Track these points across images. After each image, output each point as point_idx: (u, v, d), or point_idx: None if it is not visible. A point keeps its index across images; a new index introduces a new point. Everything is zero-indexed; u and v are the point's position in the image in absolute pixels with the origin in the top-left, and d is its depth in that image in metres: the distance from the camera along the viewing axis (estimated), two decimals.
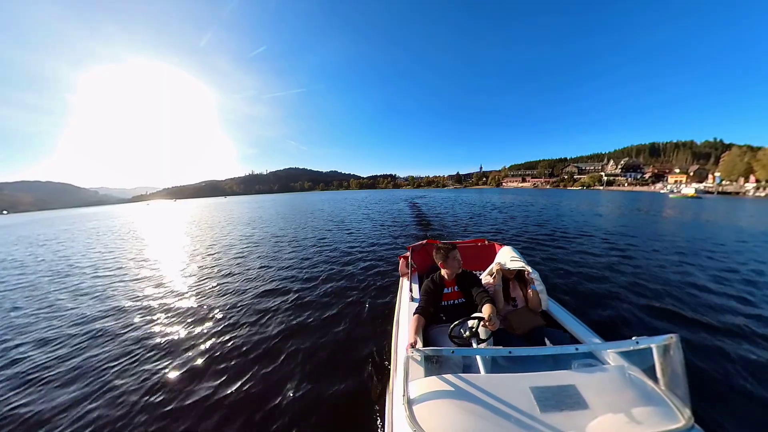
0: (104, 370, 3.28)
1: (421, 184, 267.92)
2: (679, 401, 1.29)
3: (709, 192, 54.19)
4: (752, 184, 55.57)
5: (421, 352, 1.63)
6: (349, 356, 3.23)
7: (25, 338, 4.14)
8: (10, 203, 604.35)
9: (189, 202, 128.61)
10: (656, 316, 4.08)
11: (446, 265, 2.39)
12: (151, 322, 4.45)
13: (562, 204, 26.90)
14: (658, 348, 1.38)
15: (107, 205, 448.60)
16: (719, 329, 3.63)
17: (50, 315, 4.99)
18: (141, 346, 3.77)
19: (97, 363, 3.43)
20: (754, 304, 4.46)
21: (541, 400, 1.31)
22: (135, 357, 3.53)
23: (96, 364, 3.42)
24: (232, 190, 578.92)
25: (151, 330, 4.19)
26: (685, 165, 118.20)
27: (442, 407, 1.33)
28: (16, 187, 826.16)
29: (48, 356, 3.62)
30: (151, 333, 4.10)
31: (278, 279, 6.22)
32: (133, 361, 3.44)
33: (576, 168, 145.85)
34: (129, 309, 5.01)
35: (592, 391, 1.34)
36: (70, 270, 8.35)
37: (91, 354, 3.63)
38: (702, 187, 58.99)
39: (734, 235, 10.46)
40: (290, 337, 3.73)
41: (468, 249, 3.89)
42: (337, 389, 2.72)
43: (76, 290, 6.33)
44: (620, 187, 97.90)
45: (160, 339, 3.89)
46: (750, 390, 2.60)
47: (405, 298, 3.00)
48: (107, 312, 4.94)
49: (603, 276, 5.86)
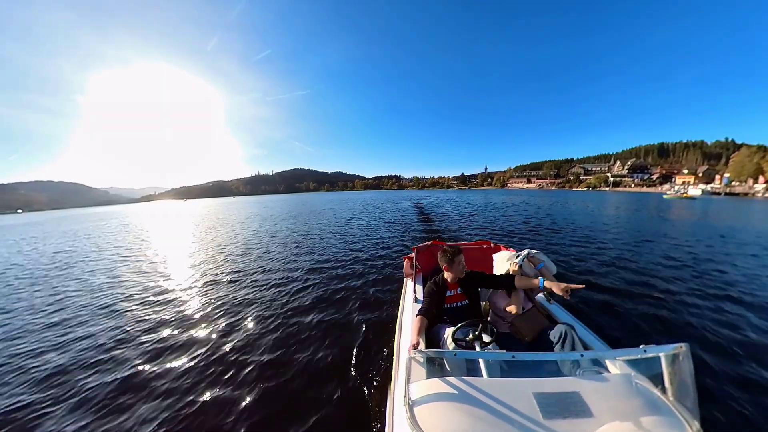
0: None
1: (425, 185, 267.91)
2: (688, 413, 1.24)
3: (716, 193, 53.83)
4: (762, 185, 54.98)
5: (424, 353, 1.62)
6: (351, 356, 3.22)
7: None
8: (25, 202, 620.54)
9: (199, 202, 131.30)
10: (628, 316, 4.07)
11: (450, 269, 2.38)
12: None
13: (555, 204, 27.75)
14: (667, 357, 1.35)
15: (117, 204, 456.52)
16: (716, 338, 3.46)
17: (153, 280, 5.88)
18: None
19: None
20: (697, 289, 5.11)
21: (545, 406, 1.28)
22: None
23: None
24: (239, 191, 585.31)
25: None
26: (695, 166, 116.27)
27: (443, 410, 1.32)
28: (30, 187, 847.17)
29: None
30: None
31: (283, 274, 6.47)
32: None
33: (582, 169, 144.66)
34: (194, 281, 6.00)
35: (597, 399, 1.31)
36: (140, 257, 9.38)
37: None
38: (709, 188, 58.62)
39: (709, 231, 11.11)
40: (291, 335, 3.77)
41: (473, 251, 3.94)
42: (337, 389, 2.71)
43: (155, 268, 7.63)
44: (626, 189, 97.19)
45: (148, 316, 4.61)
46: (763, 407, 2.44)
47: (409, 299, 2.98)
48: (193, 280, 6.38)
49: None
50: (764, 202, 32.42)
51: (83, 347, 3.78)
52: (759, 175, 60.76)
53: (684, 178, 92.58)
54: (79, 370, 3.28)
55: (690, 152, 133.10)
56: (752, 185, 56.95)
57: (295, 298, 5.08)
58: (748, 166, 64.50)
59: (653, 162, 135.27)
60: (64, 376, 3.18)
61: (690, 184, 71.57)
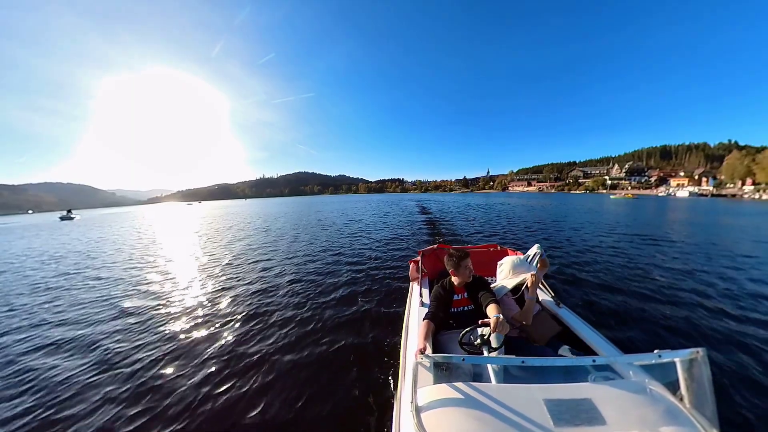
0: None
1: (428, 188, 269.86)
2: (706, 421, 1.19)
3: (703, 195, 56.28)
4: (750, 186, 57.35)
5: (431, 358, 1.61)
6: (357, 360, 3.20)
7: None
8: (35, 203, 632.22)
9: (211, 204, 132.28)
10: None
11: (457, 273, 2.37)
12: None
13: (537, 205, 31.50)
14: (683, 362, 1.29)
15: (124, 206, 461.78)
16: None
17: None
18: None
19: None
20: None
21: (556, 413, 1.25)
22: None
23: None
24: (244, 193, 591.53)
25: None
26: (697, 168, 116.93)
27: (450, 416, 1.29)
28: (40, 188, 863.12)
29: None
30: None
31: (290, 276, 6.53)
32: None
33: (582, 172, 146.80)
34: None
35: (610, 406, 1.27)
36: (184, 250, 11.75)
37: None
38: (696, 190, 61.26)
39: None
40: (296, 338, 3.75)
41: (480, 254, 3.95)
42: (343, 394, 2.70)
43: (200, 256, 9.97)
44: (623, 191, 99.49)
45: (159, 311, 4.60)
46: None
47: (415, 303, 2.96)
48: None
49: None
50: (738, 202, 34.89)
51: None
52: (747, 177, 63.32)
53: (679, 180, 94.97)
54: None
55: (692, 154, 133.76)
56: (740, 187, 59.39)
57: (296, 298, 5.17)
58: (739, 168, 66.74)
59: (656, 164, 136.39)
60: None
61: (684, 186, 73.99)
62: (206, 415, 2.53)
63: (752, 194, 50.84)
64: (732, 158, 71.85)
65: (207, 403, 2.65)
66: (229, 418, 2.50)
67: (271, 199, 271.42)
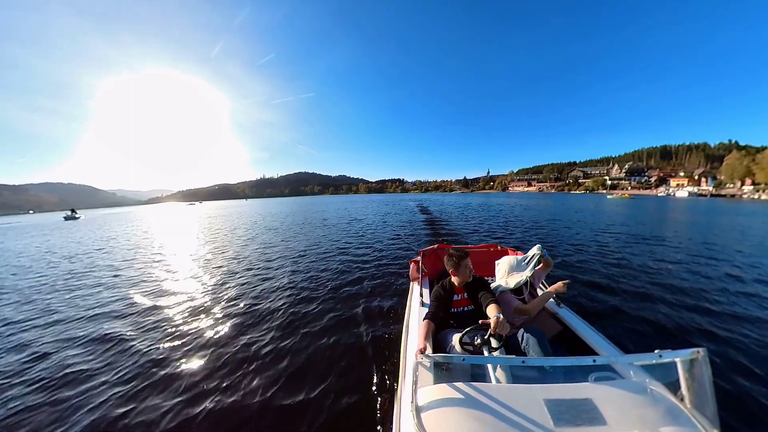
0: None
1: (428, 189, 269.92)
2: (707, 421, 1.19)
3: (702, 195, 56.42)
4: (749, 186, 57.49)
5: (431, 358, 1.61)
6: (357, 360, 3.20)
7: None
8: (36, 203, 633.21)
9: (212, 204, 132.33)
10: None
11: (457, 273, 2.37)
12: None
13: (531, 205, 31.79)
14: (683, 362, 1.29)
15: (125, 206, 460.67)
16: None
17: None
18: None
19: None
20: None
21: (556, 413, 1.25)
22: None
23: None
24: (244, 193, 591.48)
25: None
26: (697, 168, 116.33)
27: (451, 416, 1.30)
28: (40, 188, 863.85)
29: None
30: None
31: (290, 275, 6.61)
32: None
33: (582, 172, 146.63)
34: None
35: (611, 406, 1.27)
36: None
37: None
38: (695, 190, 61.45)
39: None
40: (297, 337, 3.75)
41: (480, 254, 3.96)
42: (344, 394, 2.69)
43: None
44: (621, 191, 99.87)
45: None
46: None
47: (415, 303, 2.96)
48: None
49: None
50: (738, 202, 34.99)
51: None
52: (746, 177, 63.39)
53: (679, 180, 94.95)
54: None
55: (693, 154, 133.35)
56: (740, 187, 59.55)
57: (297, 298, 5.19)
58: (738, 168, 66.73)
59: (656, 164, 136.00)
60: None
61: (683, 186, 74.17)
62: (206, 414, 2.55)
63: (751, 194, 50.84)
64: (731, 158, 71.94)
65: (207, 403, 2.67)
66: (230, 418, 2.51)
67: (271, 199, 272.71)
